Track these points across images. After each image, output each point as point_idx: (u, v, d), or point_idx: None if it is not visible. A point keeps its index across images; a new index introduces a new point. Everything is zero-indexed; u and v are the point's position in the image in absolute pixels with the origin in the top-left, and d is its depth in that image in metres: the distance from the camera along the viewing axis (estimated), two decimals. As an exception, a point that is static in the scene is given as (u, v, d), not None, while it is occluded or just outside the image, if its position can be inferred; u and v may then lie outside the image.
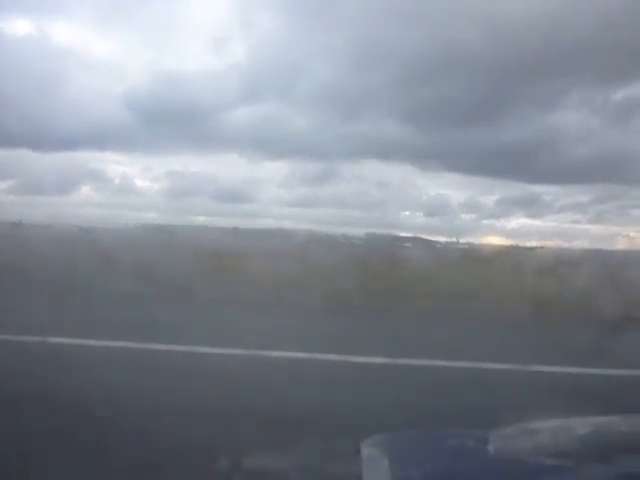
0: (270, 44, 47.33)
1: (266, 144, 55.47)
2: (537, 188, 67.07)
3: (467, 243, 33.43)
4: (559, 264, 13.99)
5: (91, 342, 6.46)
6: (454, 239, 34.62)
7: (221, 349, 6.44)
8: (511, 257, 19.57)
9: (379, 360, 6.28)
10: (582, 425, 1.99)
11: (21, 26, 69.62)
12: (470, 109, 46.99)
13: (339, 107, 53.24)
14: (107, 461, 3.54)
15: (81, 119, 46.45)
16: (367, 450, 1.70)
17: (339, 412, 4.54)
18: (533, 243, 36.01)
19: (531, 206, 60.80)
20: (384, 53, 46.00)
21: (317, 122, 51.38)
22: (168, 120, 53.24)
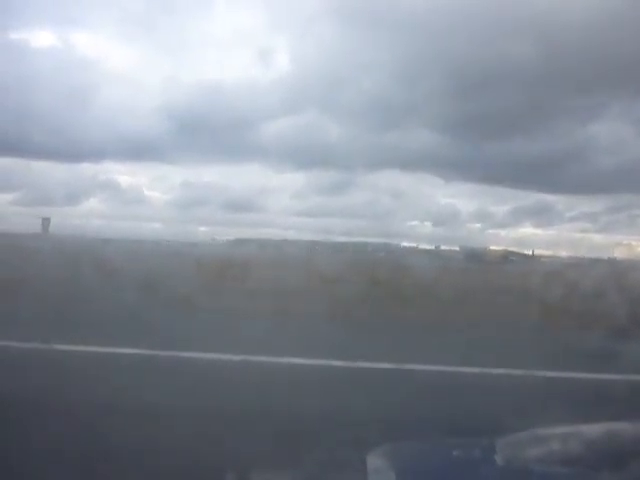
0: (313, 57, 47.31)
1: (294, 155, 55.72)
2: (552, 198, 66.85)
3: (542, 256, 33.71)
4: (552, 272, 13.83)
5: (96, 349, 6.47)
6: (529, 252, 34.95)
7: (228, 355, 6.41)
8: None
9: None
10: (592, 431, 1.97)
11: (44, 37, 69.08)
12: (508, 122, 47.12)
13: (376, 119, 53.29)
14: (107, 464, 3.52)
15: (103, 130, 46.47)
16: (373, 461, 1.68)
17: (345, 418, 4.49)
18: (533, 251, 36.16)
19: (541, 215, 60.81)
20: (428, 66, 46.10)
21: (351, 133, 51.23)
22: (196, 132, 53.02)
